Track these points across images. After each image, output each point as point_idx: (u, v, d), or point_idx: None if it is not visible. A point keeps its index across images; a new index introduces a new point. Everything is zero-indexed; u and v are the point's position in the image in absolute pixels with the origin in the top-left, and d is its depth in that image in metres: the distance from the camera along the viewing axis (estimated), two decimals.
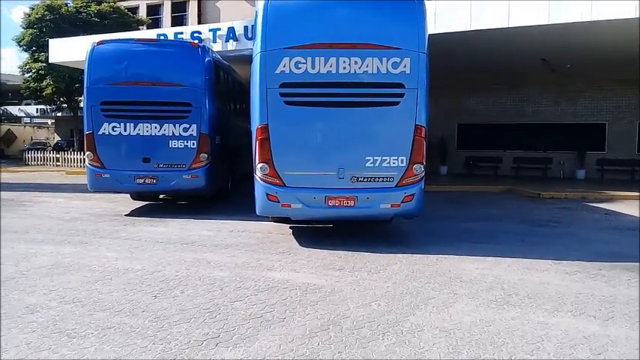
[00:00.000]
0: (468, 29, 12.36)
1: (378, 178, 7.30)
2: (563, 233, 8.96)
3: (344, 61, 7.14)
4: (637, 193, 13.96)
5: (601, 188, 15.53)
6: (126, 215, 10.51)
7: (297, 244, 7.70)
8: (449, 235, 8.57)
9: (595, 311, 4.85)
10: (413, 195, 7.30)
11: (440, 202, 12.36)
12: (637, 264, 6.62)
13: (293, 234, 8.46)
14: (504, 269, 6.36)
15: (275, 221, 8.96)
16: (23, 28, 28.36)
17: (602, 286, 5.68)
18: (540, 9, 11.63)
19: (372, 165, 7.26)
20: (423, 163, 7.35)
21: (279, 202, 7.33)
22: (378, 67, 7.14)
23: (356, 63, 7.14)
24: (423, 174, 7.39)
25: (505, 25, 12.03)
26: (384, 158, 7.27)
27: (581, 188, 15.96)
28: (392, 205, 7.32)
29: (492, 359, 3.77)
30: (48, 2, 27.96)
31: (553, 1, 11.54)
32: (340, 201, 7.29)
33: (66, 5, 28.45)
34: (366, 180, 7.30)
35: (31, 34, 27.40)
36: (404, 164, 7.27)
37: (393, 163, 7.28)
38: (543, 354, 3.87)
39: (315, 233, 8.55)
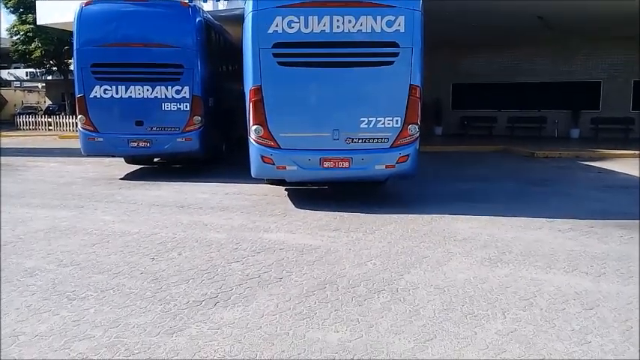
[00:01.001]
0: None
1: (373, 138, 7.29)
2: (557, 192, 9.03)
3: (337, 20, 7.03)
4: (631, 152, 14.01)
5: (595, 147, 15.58)
6: (121, 179, 10.49)
7: (292, 206, 7.73)
8: (444, 196, 8.62)
9: (587, 268, 4.93)
10: (408, 155, 7.30)
11: (435, 163, 12.37)
12: (629, 221, 6.70)
13: (288, 196, 8.49)
14: (498, 228, 6.42)
15: (270, 183, 8.97)
16: None
17: (594, 243, 5.76)
18: None
19: (366, 126, 7.24)
20: (417, 124, 7.32)
21: (274, 164, 7.33)
22: (372, 26, 7.04)
23: (350, 22, 7.03)
24: (418, 134, 7.37)
25: None
26: (378, 119, 7.24)
27: (575, 147, 16.02)
28: (387, 166, 7.34)
29: (485, 314, 3.85)
30: None
31: None
32: (335, 162, 7.29)
33: None
34: (360, 141, 7.29)
35: None
36: (398, 125, 7.25)
37: (388, 123, 7.25)
38: (536, 309, 3.95)
39: (310, 195, 8.58)
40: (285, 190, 8.90)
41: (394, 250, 5.49)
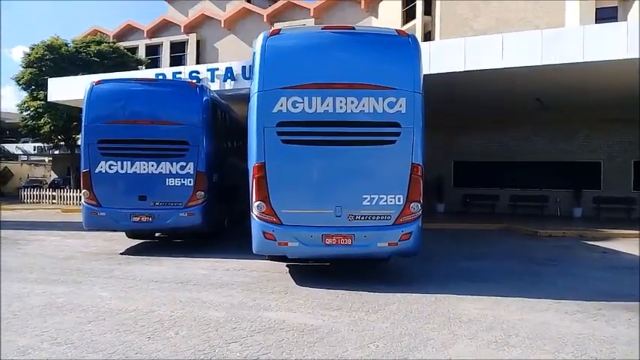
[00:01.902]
0: (463, 70, 12.54)
1: (376, 216, 7.28)
2: (563, 272, 8.90)
3: (340, 101, 7.22)
4: (634, 232, 13.94)
5: (598, 226, 15.51)
6: (121, 254, 10.41)
7: (293, 283, 7.61)
8: (447, 274, 8.50)
9: (596, 352, 4.78)
10: (410, 233, 7.26)
11: (438, 240, 12.30)
12: (637, 304, 6.55)
13: (290, 272, 8.38)
14: (504, 309, 6.28)
15: (272, 260, 8.89)
16: (23, 67, 28.62)
17: (602, 327, 5.61)
18: (533, 50, 11.84)
19: (369, 203, 7.25)
20: (420, 202, 7.34)
21: (275, 240, 7.28)
22: (374, 107, 7.22)
23: (352, 102, 7.21)
24: (420, 212, 7.37)
25: (499, 66, 12.22)
26: (381, 196, 7.26)
27: (579, 226, 15.93)
28: (389, 244, 7.28)
29: None
30: (48, 42, 28.31)
31: (545, 43, 11.75)
32: (337, 239, 7.24)
33: (66, 45, 28.81)
34: (363, 218, 7.28)
35: (31, 73, 27.66)
36: (401, 202, 7.26)
37: (390, 201, 7.27)
38: None
39: (312, 271, 8.47)
40: (287, 266, 8.79)
41: (398, 331, 5.34)
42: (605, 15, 22.98)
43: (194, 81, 13.81)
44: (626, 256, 10.88)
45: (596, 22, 21.78)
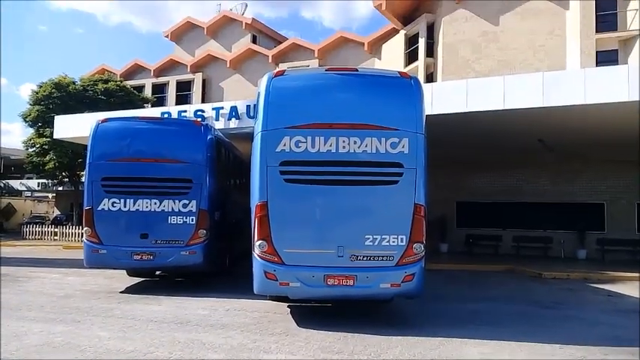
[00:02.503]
0: (465, 111, 12.65)
1: (378, 256, 7.22)
2: (568, 316, 8.76)
3: (343, 141, 7.26)
4: (638, 274, 13.77)
5: (603, 269, 15.35)
6: (121, 292, 10.31)
7: (295, 325, 7.50)
8: (451, 317, 8.38)
9: None
10: (413, 274, 7.19)
11: (441, 282, 12.17)
12: None
13: (291, 313, 8.27)
14: (509, 354, 6.16)
15: (273, 300, 8.79)
16: (30, 104, 28.95)
17: None
18: (535, 92, 11.96)
19: (371, 243, 7.20)
20: (423, 242, 7.29)
21: (277, 280, 7.21)
22: (377, 147, 7.26)
23: (355, 143, 7.26)
24: (424, 253, 7.31)
25: (501, 107, 12.33)
26: (383, 237, 7.22)
27: (583, 268, 15.78)
28: (392, 285, 7.19)
29: None
30: (56, 80, 28.72)
31: (547, 85, 11.88)
32: (339, 280, 7.16)
33: (74, 83, 29.23)
34: (365, 259, 7.22)
35: (38, 110, 27.95)
36: (404, 243, 7.21)
37: (393, 241, 7.21)
38: None
39: (313, 312, 8.36)
40: (288, 306, 8.69)
41: None
42: (605, 58, 23.29)
43: (199, 119, 13.96)
44: (632, 299, 10.73)
45: (596, 65, 22.09)
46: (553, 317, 8.60)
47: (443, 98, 12.82)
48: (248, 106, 15.33)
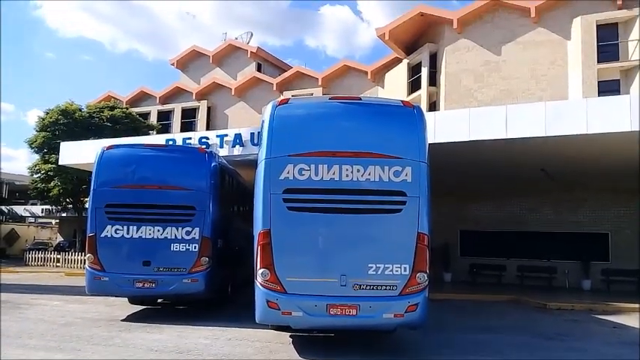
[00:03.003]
0: (467, 139, 12.70)
1: (381, 286, 7.16)
2: (573, 347, 8.65)
3: (346, 169, 7.28)
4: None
5: (608, 299, 15.20)
6: (122, 320, 10.24)
7: (297, 355, 7.44)
8: (455, 347, 8.29)
9: None
10: (417, 304, 7.11)
11: (445, 312, 12.05)
12: None
13: (293, 343, 8.20)
14: None
15: (275, 329, 8.71)
16: (37, 130, 29.15)
17: None
18: (537, 122, 12.02)
19: (374, 273, 7.15)
20: (426, 272, 7.23)
21: (279, 309, 7.15)
22: (380, 176, 7.27)
23: (358, 171, 7.28)
24: (427, 282, 7.25)
25: (503, 137, 12.38)
26: (386, 266, 7.17)
27: (588, 299, 15.62)
28: (395, 315, 7.11)
29: None
30: (63, 107, 28.98)
31: (549, 115, 11.94)
32: (342, 309, 7.10)
33: (80, 110, 29.49)
34: (368, 288, 7.16)
35: (44, 136, 28.14)
36: (407, 272, 7.16)
37: (396, 271, 7.17)
38: None
39: (316, 343, 8.28)
40: (290, 336, 8.60)
41: None
42: (607, 87, 23.42)
43: (203, 147, 14.06)
44: (636, 331, 10.59)
45: (598, 95, 22.23)
46: (557, 349, 8.51)
47: (445, 127, 12.89)
48: (252, 134, 15.42)
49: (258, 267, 7.28)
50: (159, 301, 12.32)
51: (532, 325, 11.05)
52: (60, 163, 20.05)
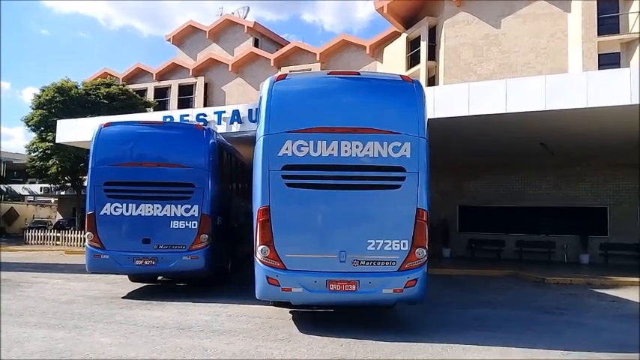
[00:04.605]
0: (467, 114, 12.62)
1: (380, 261, 7.18)
2: (571, 321, 8.71)
3: (345, 145, 7.24)
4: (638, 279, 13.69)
5: (606, 273, 15.28)
6: (123, 298, 10.29)
7: (297, 330, 7.48)
8: (453, 322, 8.34)
9: None
10: (416, 280, 7.15)
11: (444, 287, 12.12)
12: None
13: (293, 319, 8.25)
14: None
15: (275, 305, 8.74)
16: (33, 108, 28.94)
17: None
18: (537, 96, 11.92)
19: (373, 248, 7.17)
20: (425, 247, 7.25)
21: (279, 285, 7.18)
22: (379, 151, 7.23)
23: (357, 147, 7.23)
24: (426, 258, 7.27)
25: (503, 111, 12.29)
26: (385, 241, 7.18)
27: (586, 273, 15.71)
28: (395, 290, 7.15)
29: None
30: (59, 84, 28.73)
31: (549, 89, 11.84)
32: (342, 285, 7.13)
33: (76, 87, 29.24)
34: (367, 264, 7.18)
35: (40, 114, 27.94)
36: (406, 248, 7.17)
37: (395, 246, 7.18)
38: None
39: (316, 318, 8.34)
40: (290, 312, 8.66)
41: None
42: (607, 60, 23.25)
43: (201, 124, 13.97)
44: (635, 304, 10.67)
45: (598, 68, 22.07)
46: (556, 323, 8.56)
47: (445, 102, 12.79)
48: (250, 110, 15.30)
49: (258, 244, 7.28)
50: (159, 278, 12.37)
51: (530, 300, 11.12)
52: (57, 141, 19.92)
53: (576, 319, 8.90)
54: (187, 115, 16.41)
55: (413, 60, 28.78)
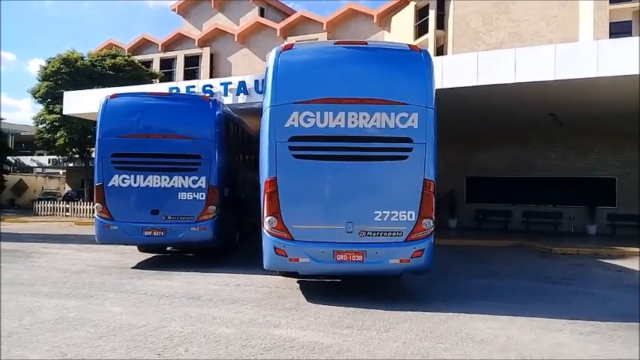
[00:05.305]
0: (475, 84, 12.49)
1: (387, 232, 7.21)
2: (577, 291, 8.76)
3: (352, 116, 7.20)
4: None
5: (613, 244, 15.28)
6: (132, 268, 10.42)
7: (304, 300, 7.56)
8: (460, 292, 8.41)
9: None
10: (422, 250, 7.18)
11: (450, 257, 12.19)
12: None
13: (300, 289, 8.34)
14: (517, 329, 6.18)
15: (282, 275, 8.86)
16: (39, 80, 28.95)
17: (618, 348, 5.50)
18: (546, 65, 11.77)
19: (380, 219, 7.19)
20: (432, 218, 7.26)
21: (286, 256, 7.24)
22: (386, 122, 7.19)
23: (364, 118, 7.19)
24: (433, 229, 7.30)
25: (512, 81, 12.16)
26: (392, 212, 7.19)
27: (593, 244, 15.73)
28: (401, 261, 7.19)
29: None
30: (64, 56, 28.65)
31: (559, 58, 11.68)
32: (348, 256, 7.18)
33: (82, 58, 29.15)
34: (374, 234, 7.21)
35: (47, 86, 27.97)
36: (413, 219, 7.19)
37: (402, 217, 7.20)
38: None
39: (323, 288, 8.42)
40: (298, 282, 8.75)
41: (409, 351, 5.27)
42: (619, 29, 22.86)
43: (207, 95, 13.91)
44: None
45: (610, 37, 21.71)
46: (562, 293, 8.61)
47: (453, 72, 12.65)
48: (256, 81, 15.22)
49: (265, 215, 7.32)
50: (168, 249, 12.50)
51: (537, 270, 11.17)
52: (64, 112, 19.96)
53: (583, 289, 8.94)
54: (194, 87, 16.36)
55: (421, 29, 28.40)
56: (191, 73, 36.73)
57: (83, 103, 18.32)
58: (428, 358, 5.05)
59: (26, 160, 46.09)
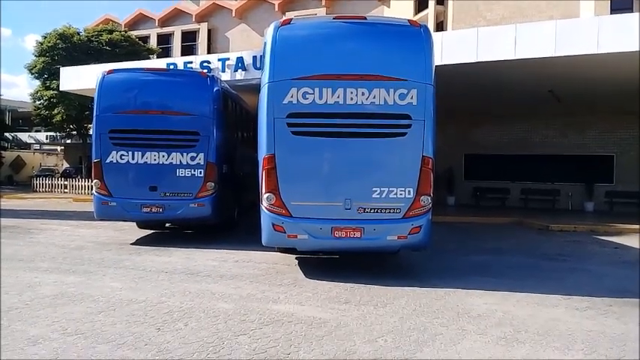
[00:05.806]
0: (475, 61, 12.41)
1: (385, 209, 7.23)
2: (573, 268, 8.82)
3: (351, 92, 7.15)
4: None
5: (610, 221, 15.36)
6: (131, 244, 10.46)
7: (302, 276, 7.61)
8: (457, 268, 8.47)
9: (606, 350, 4.73)
10: (420, 227, 7.21)
11: (448, 234, 12.25)
12: None
13: (299, 265, 8.39)
14: (513, 304, 6.24)
15: (281, 251, 8.91)
16: (35, 56, 28.71)
17: (613, 324, 5.55)
18: (547, 41, 11.69)
19: (378, 196, 7.20)
20: (430, 195, 7.28)
21: (285, 232, 7.26)
22: (385, 99, 7.15)
23: (363, 94, 7.15)
24: (431, 205, 7.32)
25: (512, 57, 12.08)
26: (390, 189, 7.20)
27: (591, 221, 15.81)
28: (399, 237, 7.22)
29: None
30: (60, 31, 28.35)
31: (559, 34, 11.59)
32: (347, 232, 7.21)
33: (78, 34, 28.85)
34: (372, 211, 7.23)
35: (43, 62, 27.74)
36: (411, 195, 7.20)
37: (400, 194, 7.21)
38: None
39: (321, 264, 8.48)
40: (296, 258, 8.80)
41: (406, 325, 5.32)
42: (620, 5, 22.59)
43: (205, 71, 13.80)
44: (639, 251, 10.76)
45: (611, 13, 21.46)
46: (559, 269, 8.67)
47: (453, 48, 12.57)
48: (254, 57, 15.12)
49: (264, 191, 7.32)
50: (167, 225, 12.54)
51: (534, 247, 11.24)
52: (61, 88, 19.85)
53: (579, 266, 9.01)
54: (191, 63, 16.24)
55: (421, 5, 28.07)
56: (189, 49, 36.34)
57: (80, 78, 18.20)
58: (424, 332, 5.10)
59: (24, 136, 45.89)
